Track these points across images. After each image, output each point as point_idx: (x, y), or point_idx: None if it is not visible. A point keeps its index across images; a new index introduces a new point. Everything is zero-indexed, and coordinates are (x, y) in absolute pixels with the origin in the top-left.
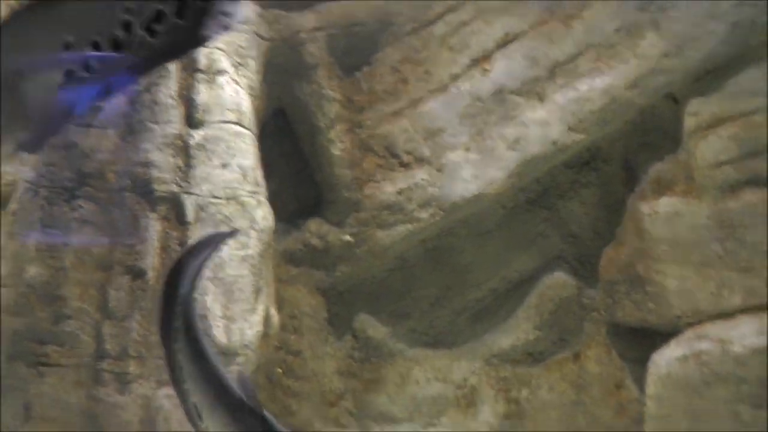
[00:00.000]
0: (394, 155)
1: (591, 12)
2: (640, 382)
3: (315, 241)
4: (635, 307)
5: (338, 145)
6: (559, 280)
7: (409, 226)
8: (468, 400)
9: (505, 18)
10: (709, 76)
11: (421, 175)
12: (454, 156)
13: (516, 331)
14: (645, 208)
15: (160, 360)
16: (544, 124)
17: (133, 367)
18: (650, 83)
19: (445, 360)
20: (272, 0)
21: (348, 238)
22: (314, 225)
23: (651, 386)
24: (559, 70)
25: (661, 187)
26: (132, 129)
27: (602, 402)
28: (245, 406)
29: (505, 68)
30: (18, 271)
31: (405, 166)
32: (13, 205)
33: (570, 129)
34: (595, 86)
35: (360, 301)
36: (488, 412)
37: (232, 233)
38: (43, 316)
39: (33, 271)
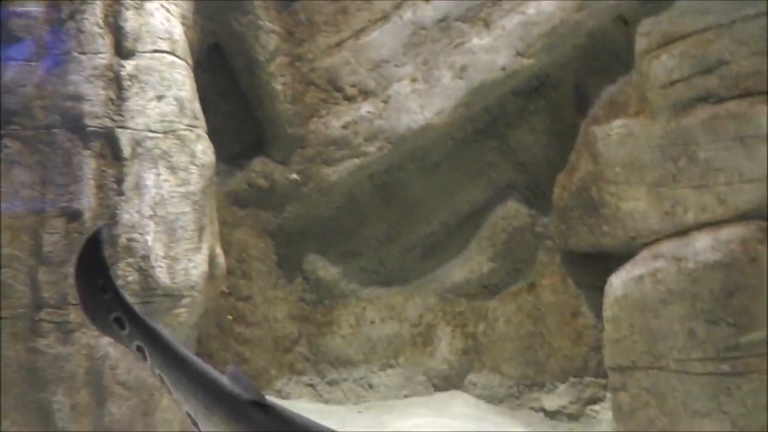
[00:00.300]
0: (338, 88)
1: None
2: (596, 309)
3: (260, 181)
4: (589, 231)
5: (279, 79)
6: (511, 210)
7: (356, 161)
8: (424, 338)
9: None
10: None
11: (366, 107)
12: (400, 87)
13: (469, 264)
14: (598, 131)
15: None
16: (491, 51)
17: (74, 315)
18: (599, 4)
19: (398, 298)
20: None
21: (294, 176)
22: (259, 164)
23: (608, 309)
24: None
25: (614, 110)
26: (58, 60)
27: (559, 331)
28: (244, 401)
29: None
30: None
31: (349, 99)
32: None
33: (518, 54)
34: (542, 9)
35: (309, 242)
36: (446, 348)
37: (101, 229)
38: None
39: None
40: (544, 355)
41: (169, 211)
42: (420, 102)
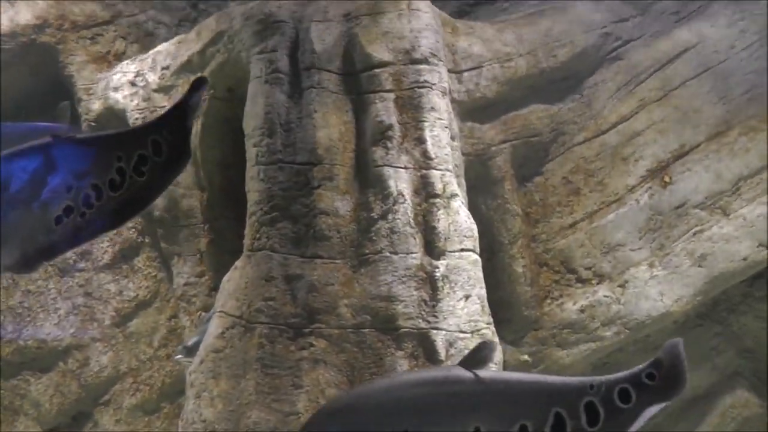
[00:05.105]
0: (571, 270)
1: None
2: None
3: None
4: None
5: (520, 261)
6: (741, 399)
7: (592, 345)
8: None
9: (679, 129)
10: None
11: (603, 291)
12: (637, 272)
13: None
14: None
15: None
16: (731, 240)
17: None
18: None
19: None
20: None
21: (525, 357)
22: None
23: None
24: (743, 184)
25: None
26: (366, 260)
27: None
28: None
29: (685, 181)
30: (234, 415)
31: (583, 282)
32: (217, 342)
33: (760, 245)
34: None
35: None
36: None
37: None
38: None
39: (255, 415)
40: None
41: None
42: (659, 288)
